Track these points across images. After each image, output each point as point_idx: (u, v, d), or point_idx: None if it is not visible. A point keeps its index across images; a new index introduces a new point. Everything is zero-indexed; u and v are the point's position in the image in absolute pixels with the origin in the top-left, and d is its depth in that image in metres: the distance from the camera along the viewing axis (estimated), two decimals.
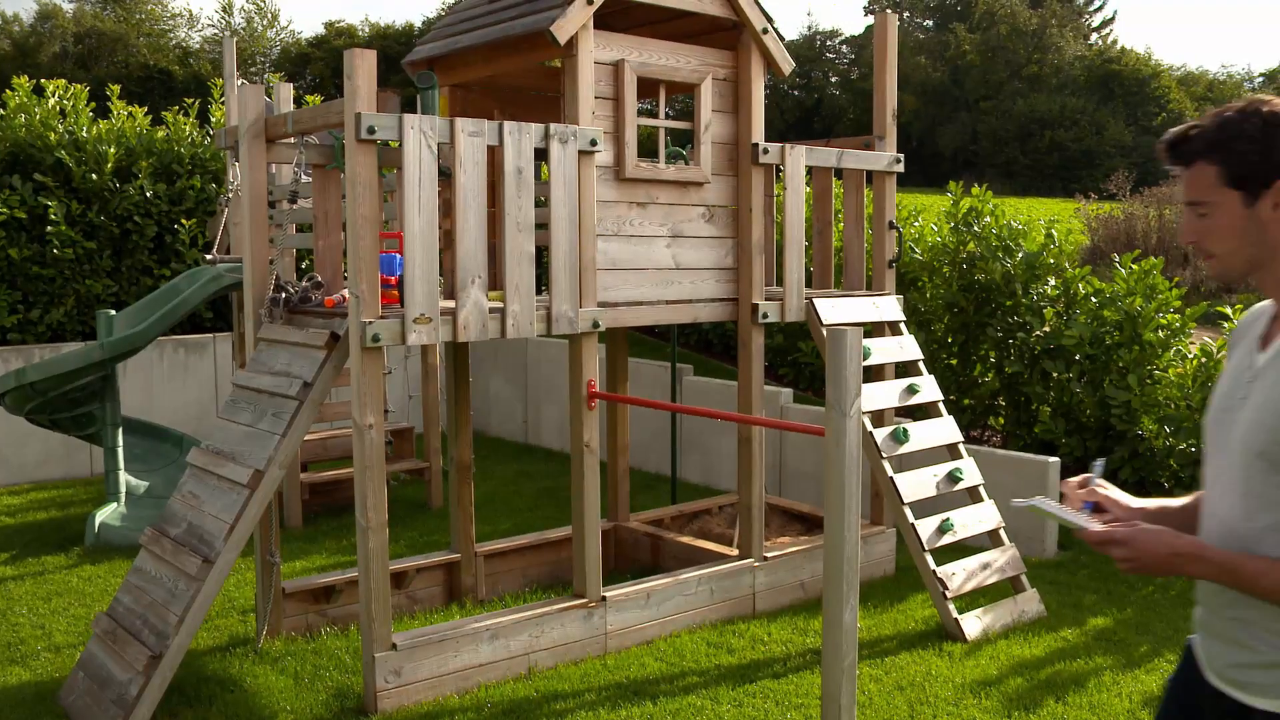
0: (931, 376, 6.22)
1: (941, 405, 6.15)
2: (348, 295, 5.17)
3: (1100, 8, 47.58)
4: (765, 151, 5.72)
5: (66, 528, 7.58)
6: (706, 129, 5.59)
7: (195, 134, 10.37)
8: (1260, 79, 42.56)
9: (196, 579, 4.43)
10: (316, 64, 42.80)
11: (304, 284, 5.18)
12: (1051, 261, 8.34)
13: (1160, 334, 7.58)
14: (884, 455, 5.72)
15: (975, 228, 8.62)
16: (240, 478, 4.54)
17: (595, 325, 5.11)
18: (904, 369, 6.29)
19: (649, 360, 9.55)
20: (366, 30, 45.06)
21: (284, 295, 5.11)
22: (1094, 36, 44.74)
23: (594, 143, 5.03)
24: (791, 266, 5.89)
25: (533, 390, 10.34)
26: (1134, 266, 7.80)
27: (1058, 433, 7.86)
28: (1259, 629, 2.01)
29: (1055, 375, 7.96)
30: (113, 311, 7.23)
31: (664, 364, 9.22)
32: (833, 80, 47.78)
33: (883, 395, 5.93)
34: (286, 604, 5.46)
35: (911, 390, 6.04)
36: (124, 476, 7.54)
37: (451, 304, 4.80)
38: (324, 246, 5.37)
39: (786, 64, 5.82)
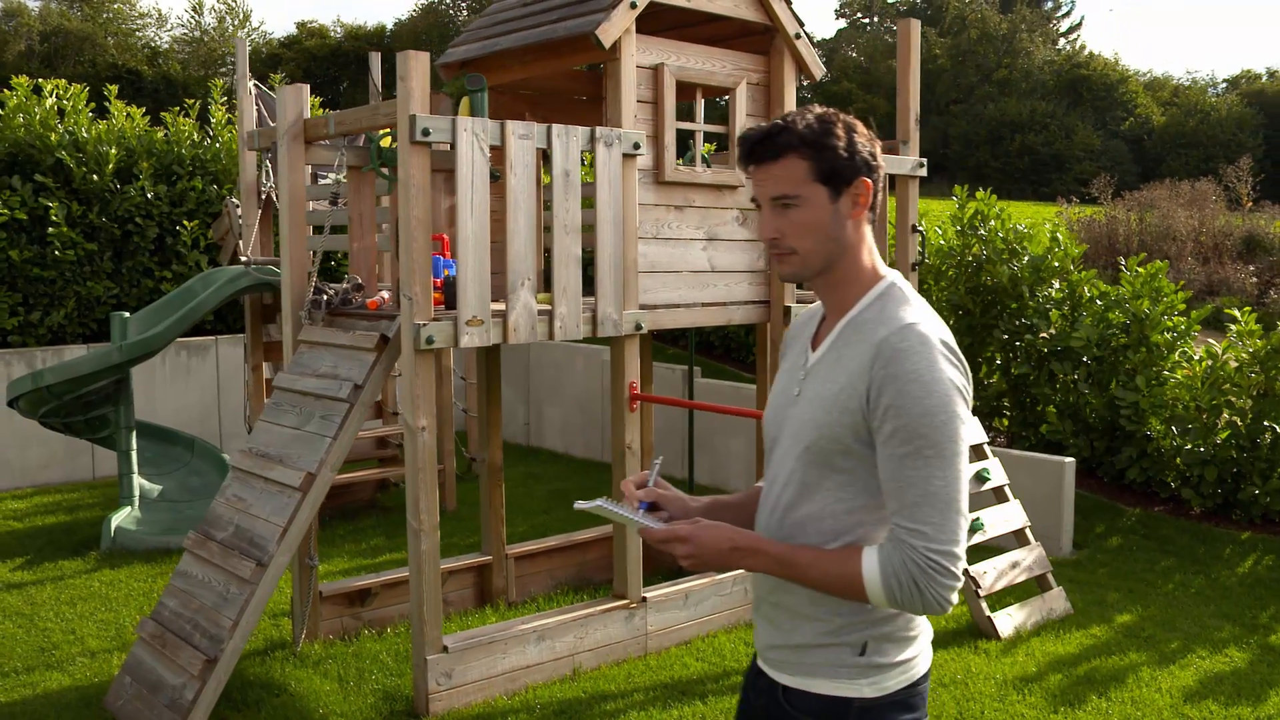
0: None
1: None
2: (386, 297, 5.19)
3: (1068, 13, 48.16)
4: None
5: (77, 532, 7.52)
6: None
7: (195, 135, 10.30)
8: (1224, 84, 43.25)
9: (250, 583, 4.42)
10: (288, 64, 42.48)
11: (344, 285, 5.18)
12: (1056, 265, 8.46)
13: (1166, 336, 7.70)
14: None
15: (981, 231, 8.72)
16: (291, 481, 4.53)
17: (638, 327, 5.14)
18: None
19: (655, 363, 9.59)
20: (339, 31, 44.85)
21: (324, 297, 5.10)
22: (1061, 42, 45.26)
23: (637, 146, 5.06)
24: None
25: (534, 392, 10.35)
26: (1140, 269, 7.92)
27: (1066, 433, 7.97)
28: (792, 613, 2.10)
29: (1062, 377, 8.07)
30: (126, 314, 7.18)
31: (671, 365, 9.26)
32: (804, 84, 47.98)
33: None
34: (322, 607, 5.45)
35: None
36: (137, 480, 7.49)
37: (500, 306, 4.81)
38: (359, 249, 5.37)
39: (818, 68, 5.88)
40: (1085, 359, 7.97)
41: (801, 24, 5.79)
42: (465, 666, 4.72)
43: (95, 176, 9.43)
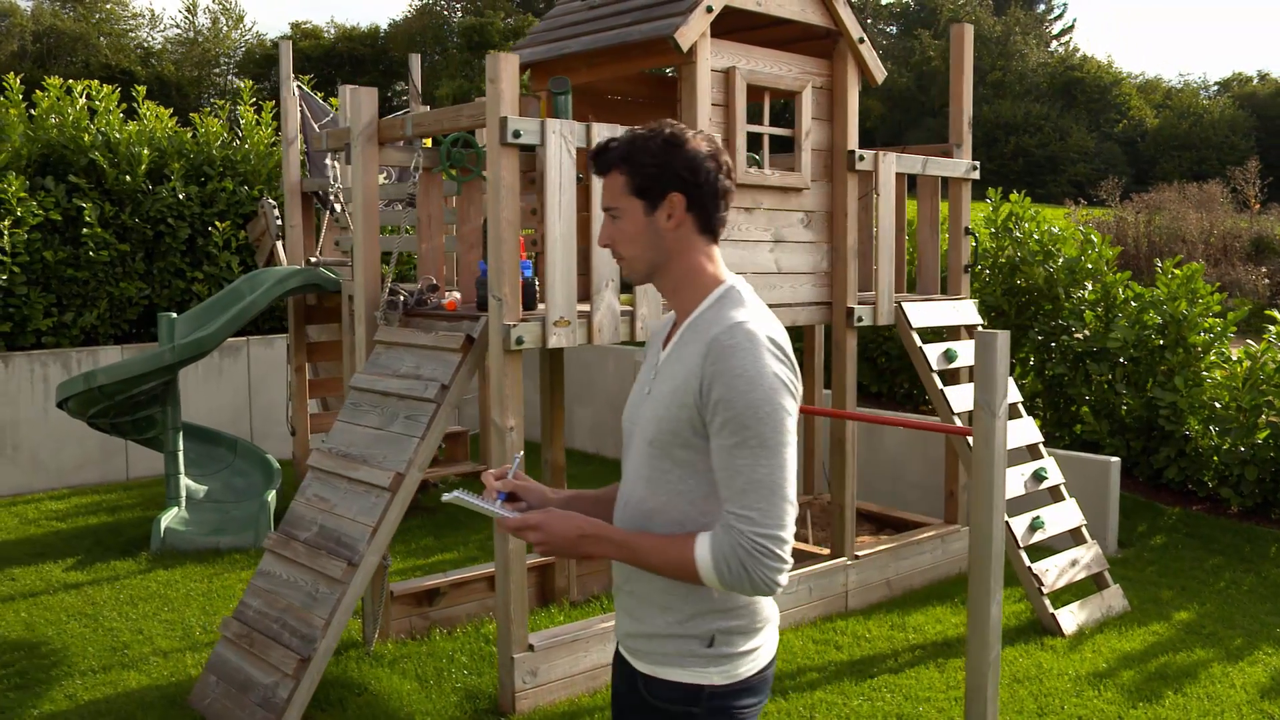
0: (1010, 378, 6.36)
1: (1021, 406, 6.29)
2: (459, 298, 5.23)
3: (1060, 15, 48.40)
4: (861, 158, 5.82)
5: (123, 532, 7.52)
6: (807, 136, 5.69)
7: (226, 135, 10.30)
8: (1215, 87, 43.55)
9: (341, 582, 4.44)
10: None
11: (419, 286, 5.21)
12: (1090, 266, 8.54)
13: (1204, 337, 7.79)
14: None
15: (1016, 233, 8.80)
16: (380, 481, 4.56)
17: None
18: None
19: None
20: (332, 31, 44.76)
21: (400, 298, 5.13)
22: (1054, 44, 45.50)
23: None
24: (884, 271, 6.00)
25: (566, 393, 10.38)
26: (1176, 271, 8.01)
27: (1102, 433, 8.04)
28: (645, 601, 2.20)
29: (1097, 377, 8.15)
30: (174, 315, 7.19)
31: None
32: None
33: (970, 397, 6.05)
34: (393, 606, 5.48)
35: None
36: (184, 480, 7.50)
37: (584, 307, 4.84)
38: (427, 249, 5.41)
39: (880, 72, 5.93)
40: (1121, 360, 8.05)
41: (864, 29, 5.84)
42: (550, 665, 4.75)
43: (128, 177, 9.42)
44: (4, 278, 8.73)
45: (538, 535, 2.14)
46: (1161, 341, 7.88)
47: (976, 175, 6.53)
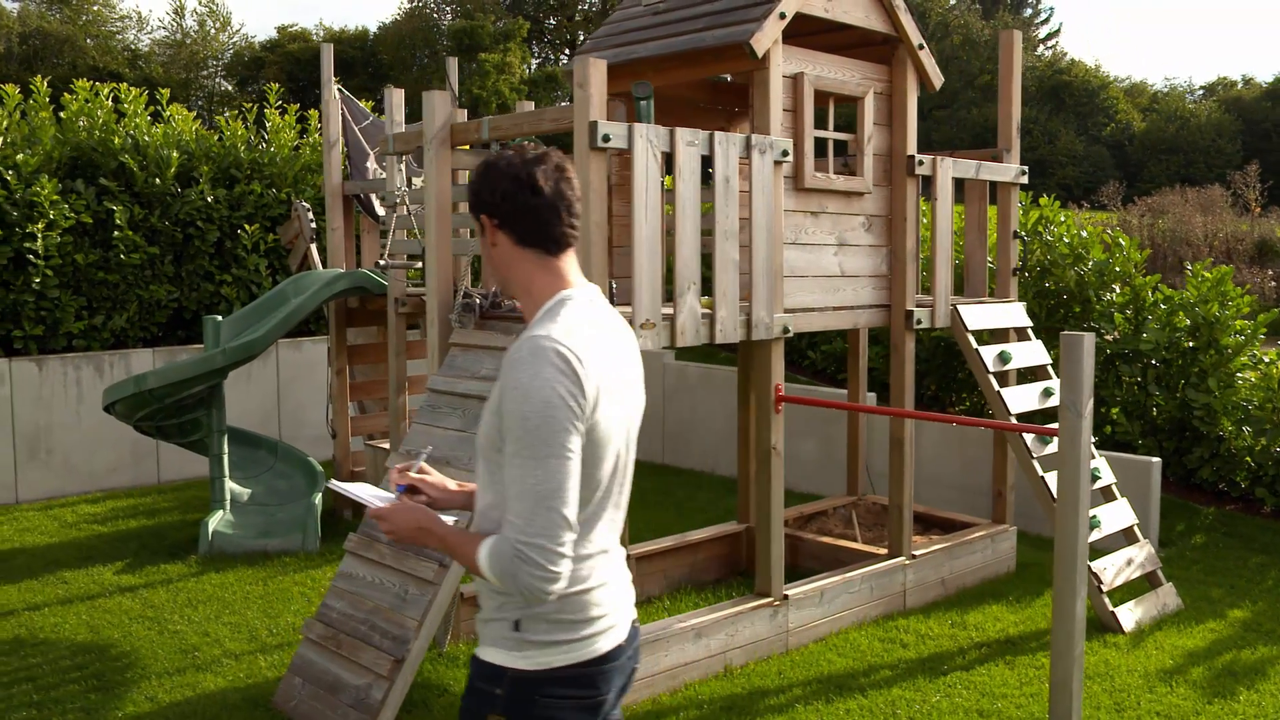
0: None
1: None
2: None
3: (1046, 19, 48.75)
4: (920, 163, 5.90)
5: (165, 535, 7.53)
6: (869, 141, 5.76)
7: (252, 138, 10.30)
8: (1200, 91, 43.97)
9: (432, 584, 4.48)
10: (270, 68, 42.30)
11: (493, 289, 5.25)
12: (1118, 269, 8.65)
13: (1235, 339, 7.90)
14: (1034, 456, 5.93)
15: (1046, 237, 8.90)
16: (471, 483, 4.59)
17: (785, 330, 5.25)
18: (1035, 373, 6.51)
19: (699, 363, 9.70)
20: (320, 34, 44.63)
21: (476, 301, 5.17)
22: (1041, 48, 45.83)
23: (785, 153, 5.17)
24: (940, 274, 6.08)
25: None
26: (1206, 274, 8.12)
27: (1134, 434, 8.15)
28: (480, 587, 2.35)
29: (1127, 379, 8.26)
30: (219, 318, 7.20)
31: (736, 370, 9.37)
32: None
33: (1026, 398, 6.14)
34: (462, 608, 5.51)
35: (1047, 393, 6.26)
36: (229, 484, 7.51)
37: (667, 310, 4.90)
38: None
39: (938, 78, 6.01)
40: (1153, 361, 8.16)
41: (924, 35, 5.92)
42: None
43: (157, 180, 9.41)
44: (37, 281, 8.71)
45: (385, 525, 2.32)
46: (1192, 343, 7.99)
47: (1025, 180, 6.62)
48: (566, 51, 47.90)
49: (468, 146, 5.55)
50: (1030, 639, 5.57)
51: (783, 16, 5.13)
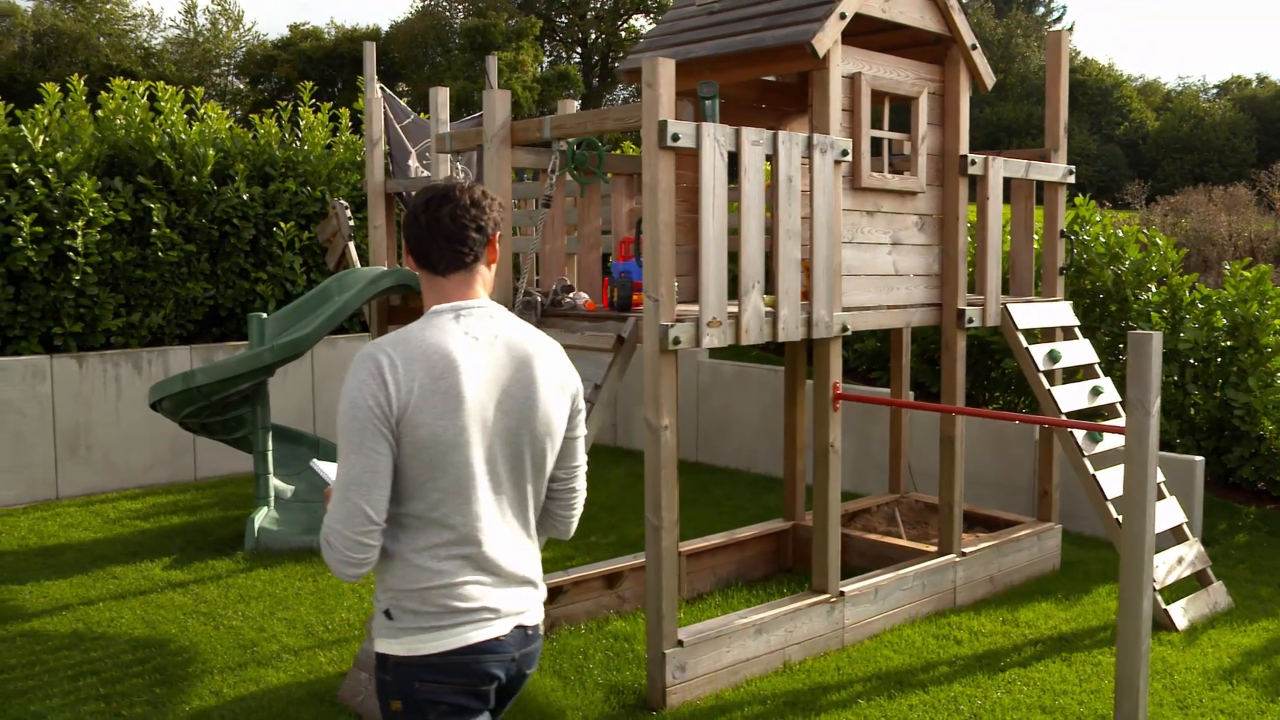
0: (1109, 379, 6.47)
1: (1120, 406, 6.39)
2: (587, 299, 5.30)
3: (1059, 17, 48.71)
4: (973, 163, 5.92)
5: (209, 531, 7.57)
6: (923, 140, 5.78)
7: (286, 136, 10.34)
8: (1215, 90, 43.92)
9: None
10: (283, 66, 42.37)
11: (553, 288, 5.28)
12: (1155, 268, 8.67)
13: (1275, 338, 7.92)
14: (1084, 454, 5.95)
15: (1082, 236, 8.92)
16: None
17: (844, 329, 5.27)
18: (1084, 372, 6.54)
19: (732, 361, 9.73)
20: (333, 33, 44.69)
21: (537, 299, 5.20)
22: None
23: (845, 153, 5.20)
24: (990, 274, 6.10)
25: (623, 394, 10.45)
26: (1245, 274, 8.13)
27: (1172, 433, 8.16)
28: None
29: (1165, 378, 8.27)
30: (264, 315, 7.24)
31: (771, 368, 9.40)
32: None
33: (1076, 397, 6.16)
34: None
35: (1096, 392, 6.29)
36: (273, 480, 7.55)
37: (732, 308, 4.92)
38: (550, 250, 5.49)
39: (990, 78, 6.04)
40: (1191, 360, 8.17)
41: (977, 35, 5.94)
42: (696, 660, 4.83)
43: (193, 178, 9.45)
44: (77, 278, 8.76)
45: (328, 504, 2.46)
46: (1231, 343, 8.00)
47: (1073, 179, 6.64)
48: (578, 50, 47.93)
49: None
50: (1083, 636, 5.59)
51: (843, 16, 5.16)
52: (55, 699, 4.85)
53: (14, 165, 8.52)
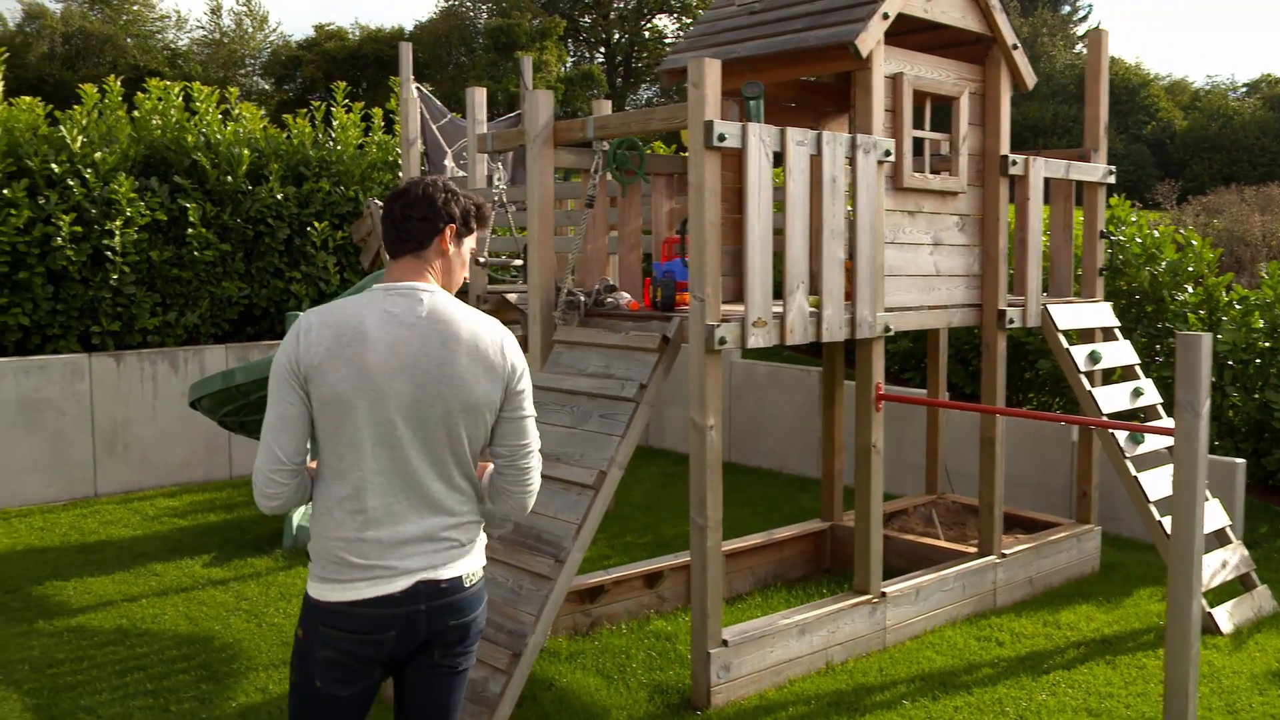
0: (1150, 380, 6.44)
1: (1161, 408, 6.36)
2: (629, 298, 5.31)
3: (1085, 16, 48.40)
4: (1014, 163, 5.90)
5: (247, 529, 7.61)
6: (964, 140, 5.77)
7: (320, 136, 10.40)
8: (1244, 88, 43.54)
9: (548, 578, 4.52)
10: (308, 66, 42.53)
11: (595, 288, 5.29)
12: (1191, 269, 8.61)
13: None
14: (1126, 456, 5.93)
15: (1117, 237, 8.87)
16: (582, 479, 4.64)
17: (887, 329, 5.27)
18: (1122, 372, 6.51)
19: (766, 362, 9.72)
20: (357, 33, 44.85)
21: (580, 298, 5.21)
22: (1080, 46, 45.48)
23: (888, 153, 5.19)
24: (1031, 274, 6.08)
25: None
26: None
27: (1211, 435, 8.11)
28: None
29: None
30: (300, 313, 7.27)
31: (804, 368, 9.39)
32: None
33: (1117, 398, 6.13)
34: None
35: (1137, 393, 6.25)
36: None
37: (777, 308, 4.92)
38: (592, 250, 5.50)
39: (1031, 78, 6.01)
40: (1230, 362, 8.12)
41: (1018, 35, 5.92)
42: (741, 660, 4.83)
43: (228, 178, 9.51)
44: (115, 277, 8.83)
45: None
46: (1270, 344, 7.95)
47: (1113, 179, 6.61)
48: (602, 50, 47.95)
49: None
50: (1126, 639, 5.57)
51: (886, 17, 5.15)
52: (104, 694, 4.90)
53: (53, 165, 8.60)
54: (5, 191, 8.33)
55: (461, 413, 2.71)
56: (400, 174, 10.20)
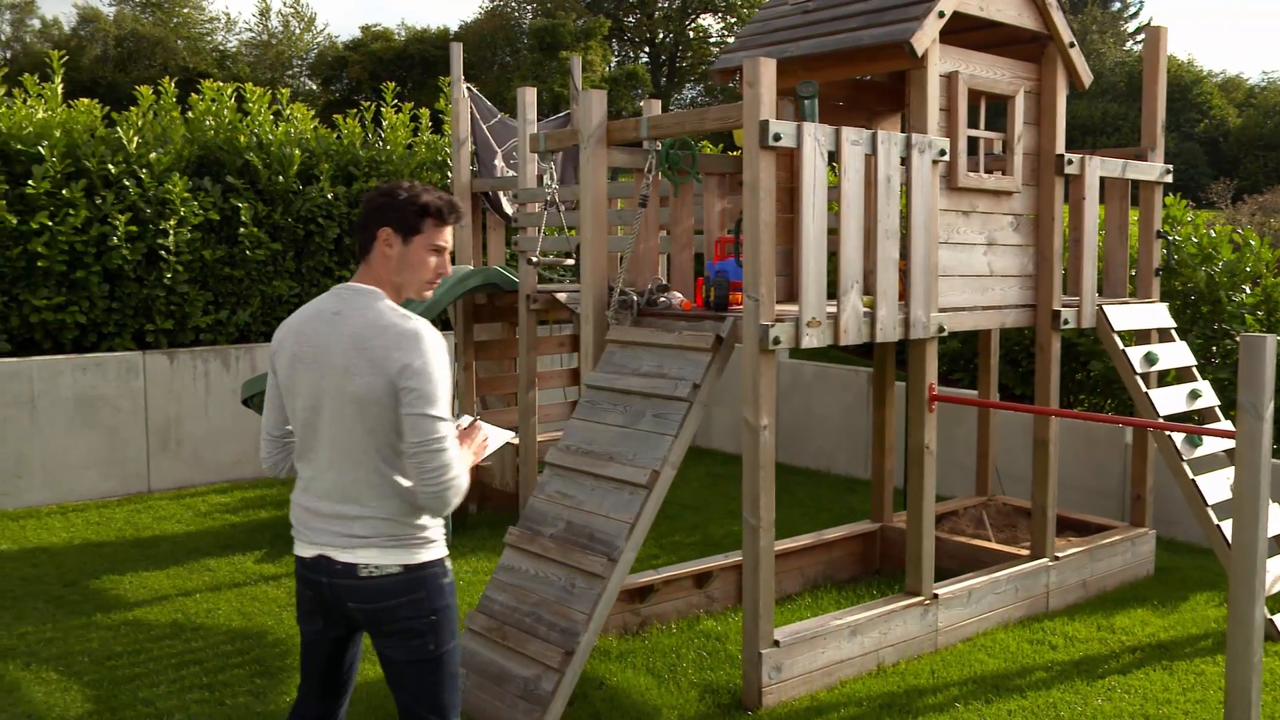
0: (1207, 382, 6.35)
1: (1218, 410, 6.27)
2: (682, 298, 5.30)
3: (1136, 13, 47.78)
4: (1070, 163, 5.84)
5: None
6: (1019, 140, 5.71)
7: (370, 136, 10.48)
8: None
9: (601, 577, 4.53)
10: (354, 67, 42.89)
11: (648, 287, 5.30)
12: (1249, 269, 8.48)
13: None
14: (1183, 459, 5.85)
15: (1174, 237, 8.76)
16: (635, 478, 4.64)
17: (941, 330, 5.23)
18: (1177, 374, 6.42)
19: (814, 362, 9.68)
20: (403, 34, 45.17)
21: (633, 298, 5.21)
22: (1130, 43, 44.97)
23: (943, 153, 5.15)
24: (1086, 274, 6.01)
25: None
26: None
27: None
28: None
29: None
30: None
31: (852, 368, 9.35)
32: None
33: (1174, 400, 6.05)
34: None
35: (1194, 395, 6.17)
36: None
37: (832, 308, 4.90)
38: (644, 250, 5.49)
39: (1087, 76, 5.95)
40: None
41: (1075, 33, 5.86)
42: (793, 660, 4.82)
43: (280, 178, 9.60)
44: (168, 276, 8.94)
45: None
46: None
47: (1170, 179, 6.52)
48: (646, 50, 47.97)
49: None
50: (1184, 644, 5.49)
51: (941, 15, 5.11)
52: (161, 687, 4.96)
53: (110, 166, 8.73)
54: (64, 192, 8.46)
55: (349, 404, 2.95)
56: (449, 174, 10.27)
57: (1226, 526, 5.76)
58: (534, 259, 6.18)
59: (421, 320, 2.97)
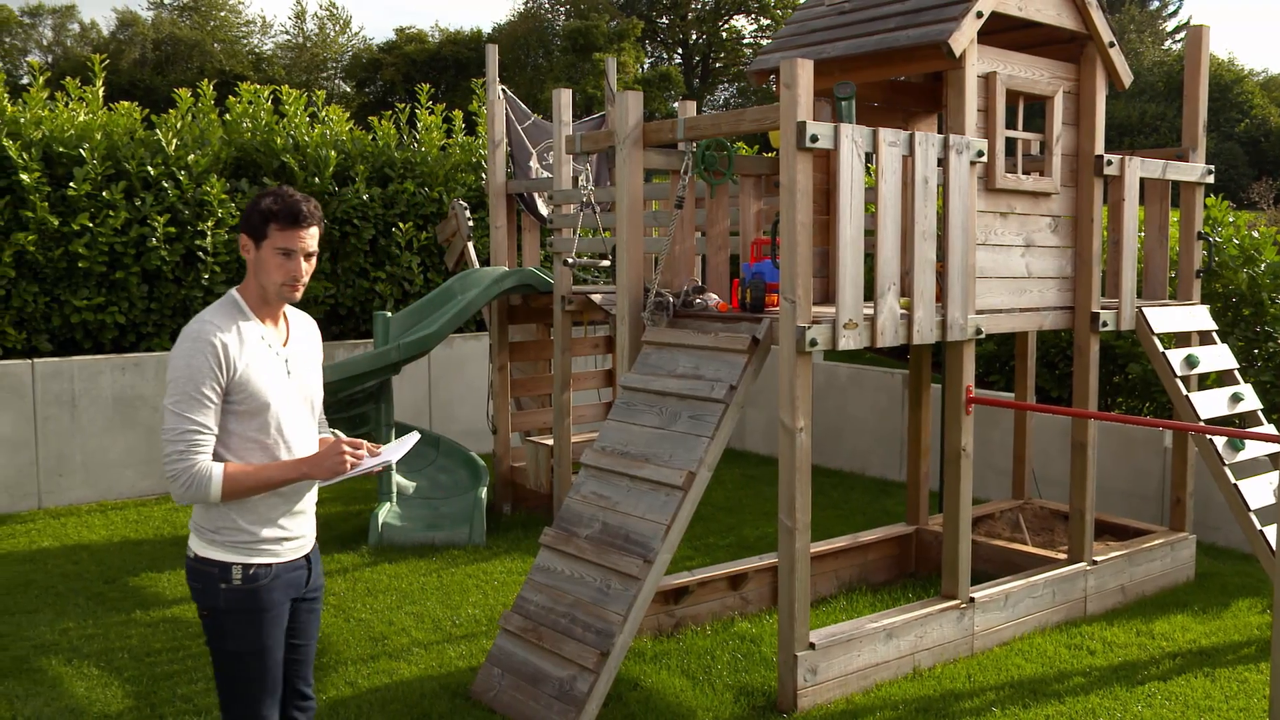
0: (1249, 385, 6.27)
1: (1261, 414, 6.19)
2: (718, 299, 5.29)
3: (1175, 11, 47.32)
4: (1109, 163, 5.79)
5: (330, 526, 7.73)
6: (1057, 140, 5.67)
7: (405, 138, 10.53)
8: None
9: (637, 579, 4.53)
10: (388, 69, 43.14)
11: (684, 288, 5.29)
12: None
13: None
14: (1225, 463, 5.78)
15: (1215, 238, 8.66)
16: (671, 480, 4.64)
17: (978, 332, 5.20)
18: (1217, 377, 6.35)
19: (848, 364, 9.64)
20: (437, 36, 45.38)
21: (669, 300, 5.21)
22: (1168, 42, 44.53)
23: (980, 154, 5.12)
24: (1126, 276, 5.96)
25: None
26: None
27: None
28: None
29: None
30: (388, 314, 7.37)
31: (886, 370, 9.30)
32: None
33: (1215, 403, 5.98)
34: None
35: (1236, 398, 6.09)
36: (395, 477, 7.69)
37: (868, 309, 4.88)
38: (679, 251, 5.49)
39: (1127, 76, 5.90)
40: None
41: (1115, 32, 5.81)
42: (828, 663, 4.80)
43: (316, 179, 9.67)
44: (206, 277, 9.03)
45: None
46: None
47: (1211, 180, 6.45)
48: (679, 51, 47.96)
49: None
50: (1225, 651, 5.43)
51: (979, 15, 5.08)
52: (199, 683, 5.00)
53: (149, 168, 8.82)
54: (104, 193, 8.56)
55: None
56: (484, 175, 10.31)
57: (1270, 532, 5.69)
58: (569, 260, 6.18)
59: (202, 316, 3.07)
